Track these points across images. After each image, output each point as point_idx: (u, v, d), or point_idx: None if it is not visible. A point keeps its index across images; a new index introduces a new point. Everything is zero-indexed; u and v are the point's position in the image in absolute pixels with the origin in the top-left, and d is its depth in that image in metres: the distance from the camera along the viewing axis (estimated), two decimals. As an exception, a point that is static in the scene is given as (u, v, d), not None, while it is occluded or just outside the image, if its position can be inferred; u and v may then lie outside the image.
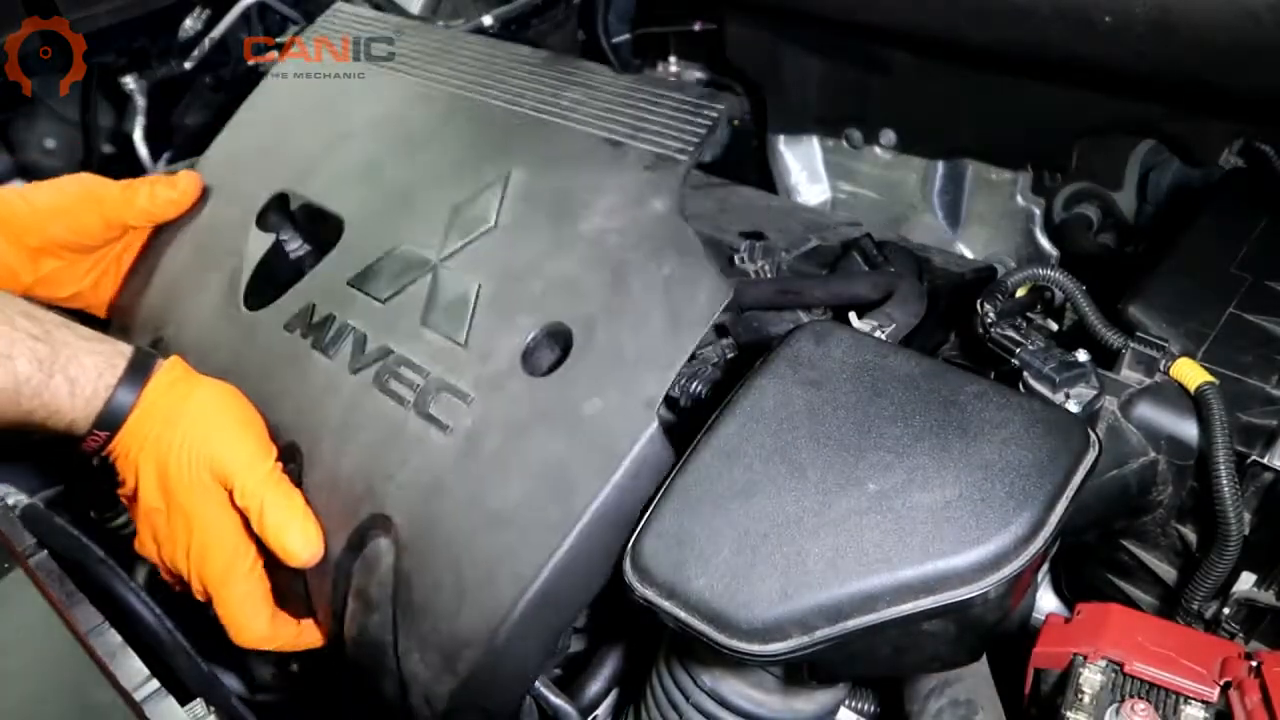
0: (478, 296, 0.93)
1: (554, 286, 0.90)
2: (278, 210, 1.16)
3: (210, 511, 0.89)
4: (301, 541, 0.87)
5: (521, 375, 0.86)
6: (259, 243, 1.12)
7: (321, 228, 1.11)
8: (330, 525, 0.89)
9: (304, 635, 0.95)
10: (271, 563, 0.92)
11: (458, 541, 0.82)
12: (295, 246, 1.17)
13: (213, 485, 0.89)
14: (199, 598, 0.94)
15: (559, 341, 0.89)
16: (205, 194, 1.18)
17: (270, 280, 1.10)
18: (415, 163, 1.10)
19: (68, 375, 0.87)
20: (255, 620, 0.92)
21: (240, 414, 0.92)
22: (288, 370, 0.98)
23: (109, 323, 1.19)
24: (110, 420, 0.89)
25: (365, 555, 0.88)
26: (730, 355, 0.95)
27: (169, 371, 0.92)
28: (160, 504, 0.91)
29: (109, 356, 0.90)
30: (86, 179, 1.15)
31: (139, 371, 0.91)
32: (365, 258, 1.02)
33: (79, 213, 1.11)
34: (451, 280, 0.96)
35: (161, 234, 1.19)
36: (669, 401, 0.89)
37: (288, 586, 0.94)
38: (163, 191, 1.15)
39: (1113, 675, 0.71)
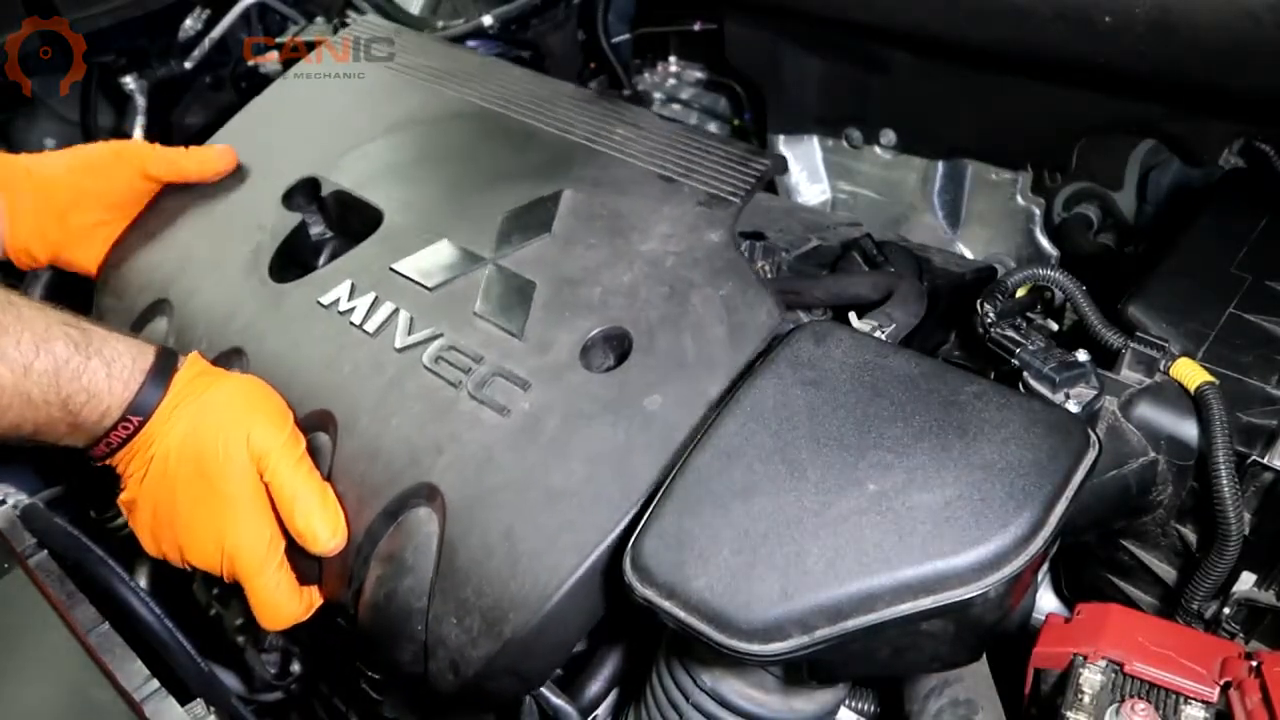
0: (534, 295, 0.95)
1: (612, 293, 0.93)
2: (305, 192, 1.17)
3: (248, 495, 0.89)
4: (329, 532, 0.88)
5: (581, 370, 0.89)
6: (284, 220, 1.13)
7: (353, 216, 1.13)
8: (364, 492, 0.90)
9: (317, 599, 0.96)
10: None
11: (513, 512, 0.83)
12: (319, 230, 1.17)
13: (250, 469, 0.89)
14: (228, 582, 0.93)
15: (617, 344, 0.91)
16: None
17: (291, 257, 1.11)
18: (461, 170, 1.12)
19: (104, 358, 0.88)
20: (290, 603, 0.92)
21: (272, 403, 0.93)
22: (322, 343, 0.98)
23: (100, 281, 1.19)
24: (144, 405, 0.89)
25: (403, 521, 0.88)
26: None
27: (194, 365, 0.93)
28: (195, 490, 0.90)
29: (137, 345, 0.91)
30: (119, 143, 1.17)
31: (167, 360, 0.91)
32: (407, 247, 1.03)
33: (112, 166, 1.13)
34: (507, 277, 0.98)
35: (166, 200, 1.19)
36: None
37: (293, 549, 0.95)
38: (197, 152, 1.17)
39: (1113, 675, 0.71)
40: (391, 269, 1.01)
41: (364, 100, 1.28)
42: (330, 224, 1.17)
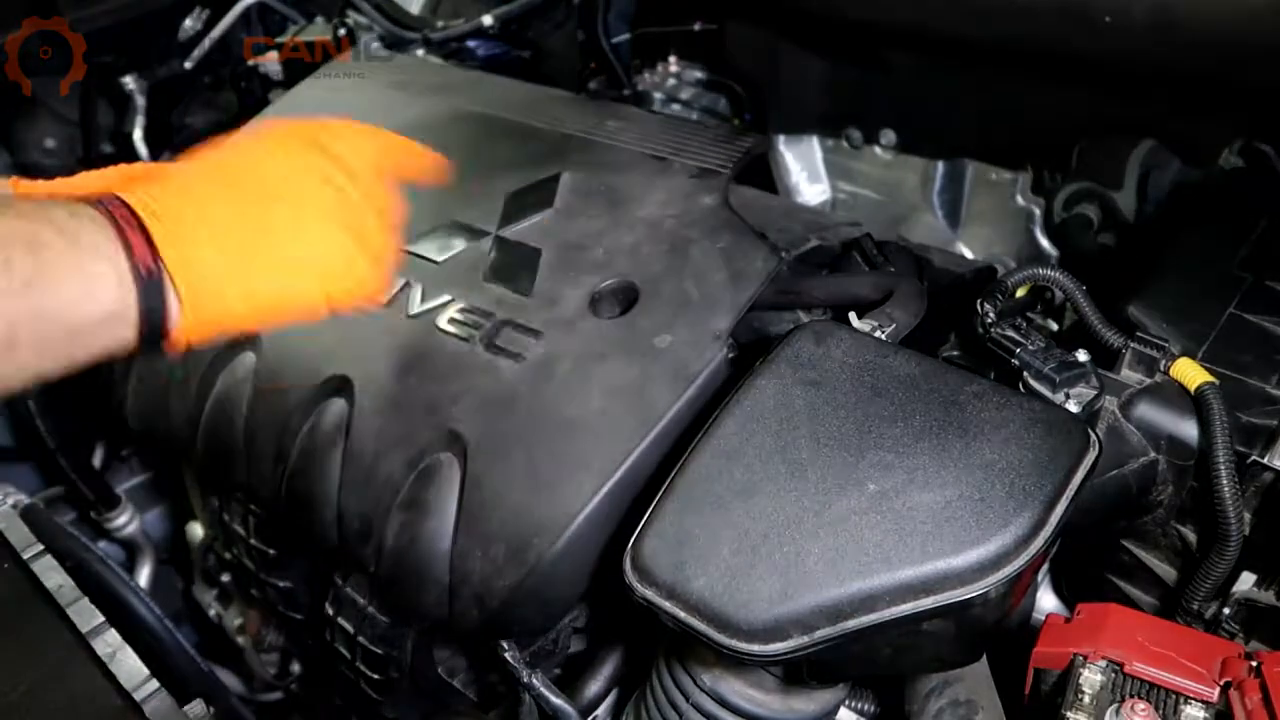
0: (540, 260, 0.99)
1: (616, 253, 0.98)
2: None
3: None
4: None
5: (590, 318, 0.93)
6: None
7: None
8: (382, 445, 0.93)
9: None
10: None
11: (533, 445, 0.86)
12: None
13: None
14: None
15: (624, 295, 0.95)
16: None
17: None
18: (461, 161, 1.13)
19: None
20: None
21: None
22: (333, 322, 0.99)
23: None
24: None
25: (424, 468, 0.90)
26: (730, 355, 0.95)
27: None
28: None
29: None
30: (134, 166, 1.13)
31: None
32: (413, 227, 1.04)
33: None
34: (513, 246, 1.02)
35: None
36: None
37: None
38: None
39: (1113, 675, 0.71)
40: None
41: (372, 100, 1.31)
42: None
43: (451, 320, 0.97)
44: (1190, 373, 0.83)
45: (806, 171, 1.59)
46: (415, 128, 1.20)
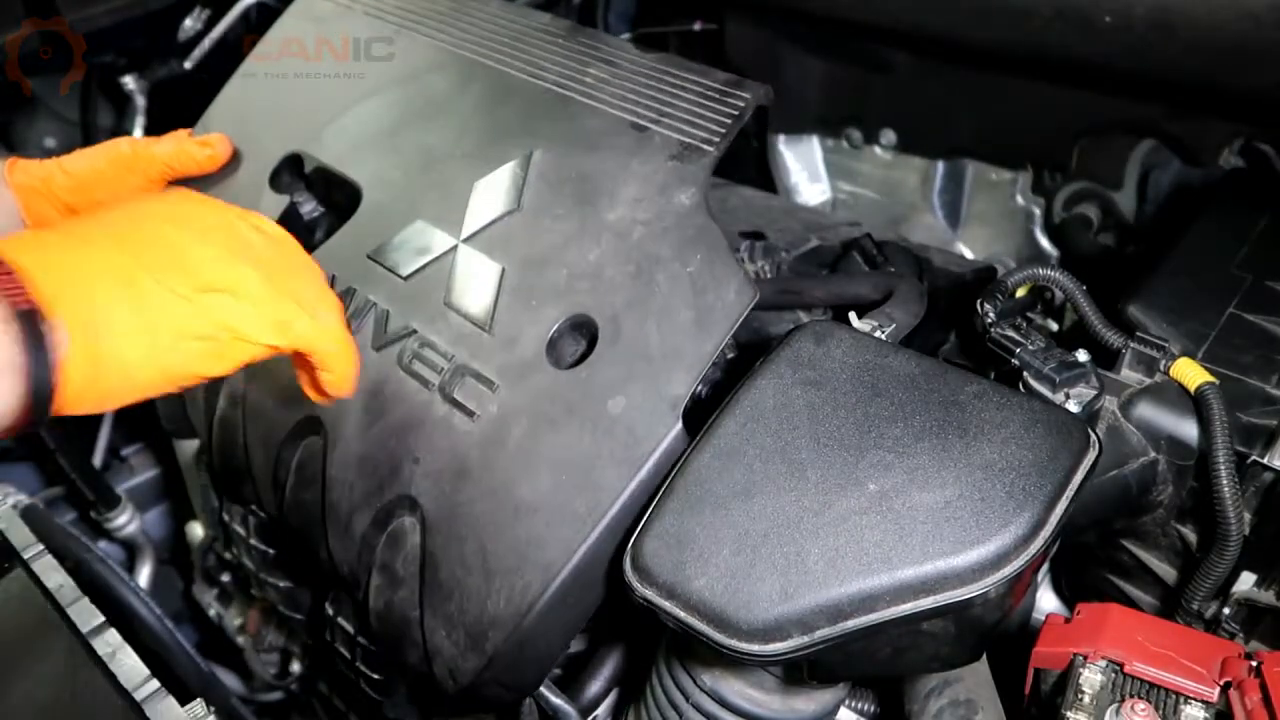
0: (501, 281, 0.94)
1: (578, 276, 0.92)
2: (291, 171, 1.14)
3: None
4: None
5: (547, 366, 0.88)
6: (273, 205, 1.11)
7: (336, 192, 1.11)
8: (355, 501, 0.91)
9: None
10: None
11: (485, 527, 0.84)
12: (310, 209, 1.15)
13: None
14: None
15: (583, 333, 0.90)
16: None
17: None
18: (434, 130, 1.09)
19: None
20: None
21: None
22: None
23: None
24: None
25: (391, 532, 0.89)
26: (730, 355, 0.95)
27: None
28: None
29: None
30: (120, 142, 1.11)
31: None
32: (384, 230, 1.02)
33: (122, 176, 1.09)
34: (475, 262, 0.97)
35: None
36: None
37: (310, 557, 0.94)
38: (191, 150, 1.12)
39: (1113, 675, 0.71)
40: (368, 257, 1.01)
41: (334, 67, 1.22)
42: (319, 200, 1.15)
43: (415, 357, 0.93)
44: (1190, 373, 0.83)
45: (806, 171, 1.59)
46: (390, 82, 1.15)
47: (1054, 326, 1.09)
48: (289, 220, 1.12)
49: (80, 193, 1.08)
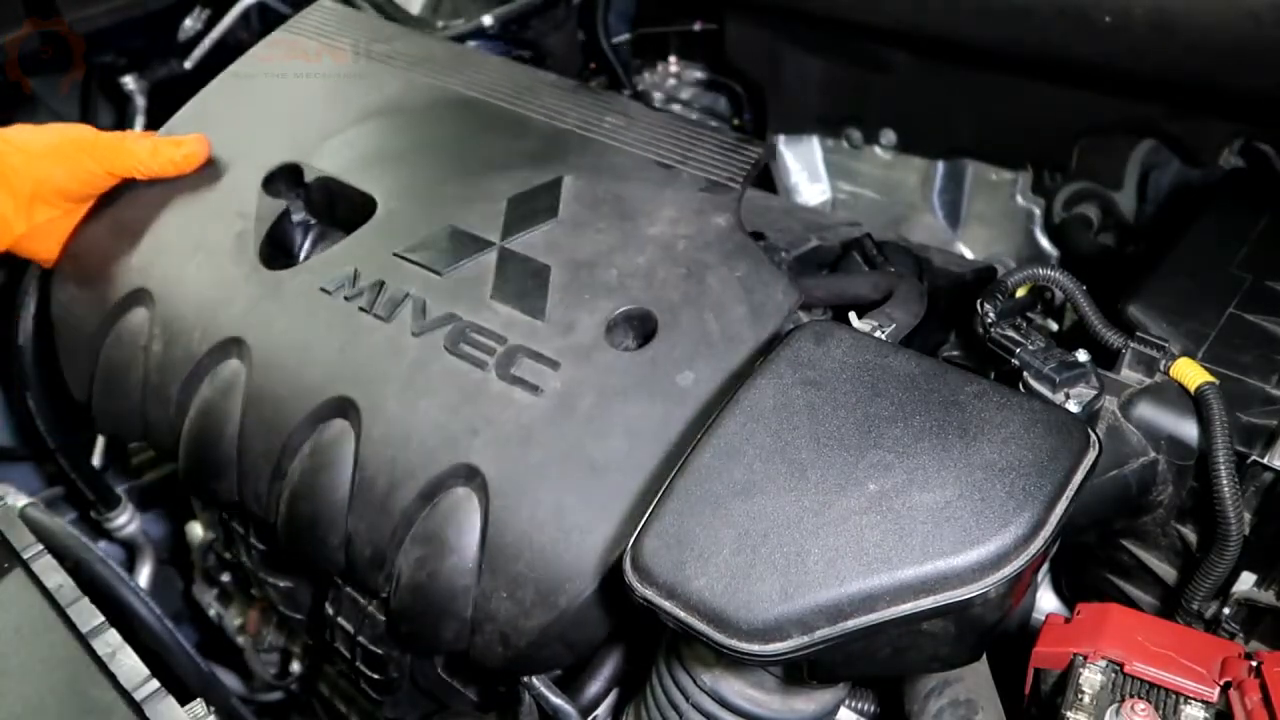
0: (550, 277, 0.96)
1: (629, 275, 0.94)
2: (288, 178, 1.15)
3: None
4: None
5: (608, 349, 0.90)
6: (269, 207, 1.11)
7: (340, 203, 1.11)
8: (396, 476, 0.90)
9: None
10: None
11: (559, 486, 0.85)
12: (301, 217, 1.16)
13: None
14: None
15: (639, 324, 0.93)
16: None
17: (277, 244, 1.10)
18: (454, 156, 1.11)
19: None
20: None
21: None
22: (331, 329, 0.98)
23: (60, 270, 1.15)
24: None
25: (439, 502, 0.89)
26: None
27: None
28: None
29: None
30: (80, 128, 1.13)
31: None
32: (407, 234, 1.02)
33: (79, 158, 1.09)
34: (520, 260, 0.98)
35: (130, 185, 1.16)
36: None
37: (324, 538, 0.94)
38: (167, 150, 1.13)
39: (1113, 675, 0.71)
40: (396, 254, 1.01)
41: (334, 84, 1.25)
42: (313, 210, 1.15)
43: (460, 341, 0.93)
44: (1190, 373, 0.83)
45: (806, 171, 1.59)
46: (399, 109, 1.17)
47: (1054, 326, 1.10)
48: (281, 225, 1.12)
49: (35, 171, 1.07)
